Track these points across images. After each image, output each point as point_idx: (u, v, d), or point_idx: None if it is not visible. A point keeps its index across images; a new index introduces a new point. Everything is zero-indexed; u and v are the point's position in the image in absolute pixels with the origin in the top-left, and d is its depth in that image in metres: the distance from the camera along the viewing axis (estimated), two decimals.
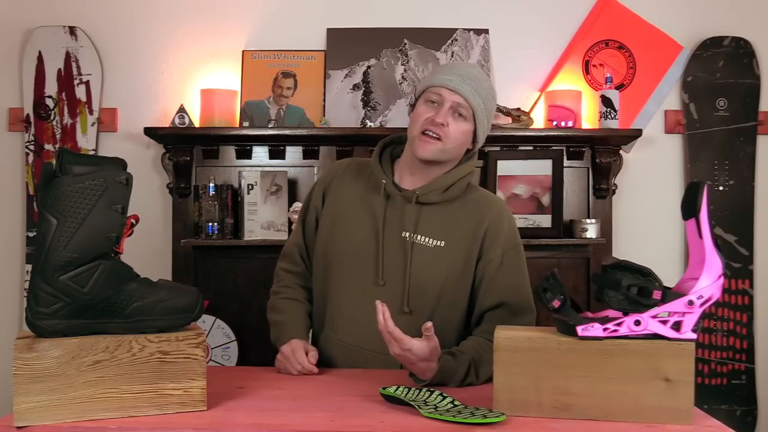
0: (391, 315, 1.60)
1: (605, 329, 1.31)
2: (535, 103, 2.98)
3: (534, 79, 3.01)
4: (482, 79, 1.79)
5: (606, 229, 2.93)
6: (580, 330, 1.31)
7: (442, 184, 1.79)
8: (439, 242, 1.78)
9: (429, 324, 1.56)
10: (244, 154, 2.93)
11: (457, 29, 2.99)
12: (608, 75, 2.91)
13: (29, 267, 2.80)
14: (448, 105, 1.74)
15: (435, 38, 2.98)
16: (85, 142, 2.95)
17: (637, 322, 1.30)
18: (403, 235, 1.78)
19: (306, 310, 1.91)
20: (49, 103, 2.94)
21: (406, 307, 1.76)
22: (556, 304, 1.34)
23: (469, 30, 2.99)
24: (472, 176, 1.87)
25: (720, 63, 2.98)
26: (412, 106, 1.83)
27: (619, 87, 2.96)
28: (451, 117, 1.74)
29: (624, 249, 2.96)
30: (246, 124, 2.89)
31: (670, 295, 1.30)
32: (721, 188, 2.98)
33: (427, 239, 1.78)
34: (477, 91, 1.76)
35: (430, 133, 1.74)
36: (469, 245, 1.79)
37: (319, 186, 1.93)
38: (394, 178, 1.85)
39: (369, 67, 2.97)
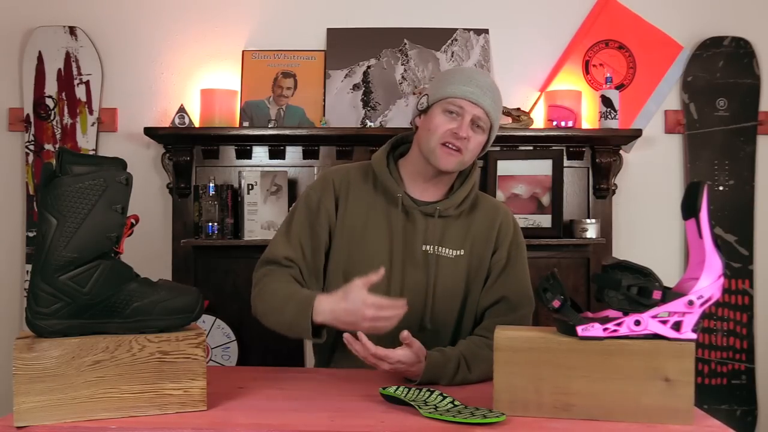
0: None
1: (605, 329, 1.31)
2: (535, 103, 2.98)
3: (534, 79, 3.01)
4: (496, 89, 1.77)
5: (606, 229, 2.93)
6: (580, 330, 1.31)
7: (459, 197, 1.79)
8: (459, 252, 1.79)
9: (405, 333, 1.54)
10: (244, 154, 2.93)
11: (457, 29, 2.99)
12: (608, 75, 2.91)
13: (29, 267, 2.80)
14: (469, 117, 1.71)
15: (435, 38, 2.98)
16: (85, 142, 2.95)
17: (637, 322, 1.30)
18: (424, 248, 1.77)
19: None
20: (49, 103, 2.94)
21: (429, 324, 1.76)
22: (556, 304, 1.34)
23: (469, 30, 2.99)
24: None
25: (720, 63, 2.98)
26: (422, 111, 1.78)
27: (619, 87, 2.96)
28: (470, 129, 1.72)
29: (624, 249, 2.96)
30: (246, 124, 2.89)
31: (670, 295, 1.30)
32: (721, 188, 2.98)
33: (448, 251, 1.79)
34: (495, 102, 1.75)
35: (451, 146, 1.72)
36: (483, 249, 1.81)
37: (328, 190, 1.81)
38: (405, 188, 1.81)
39: (369, 67, 2.97)
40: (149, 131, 2.78)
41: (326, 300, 1.61)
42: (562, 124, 2.84)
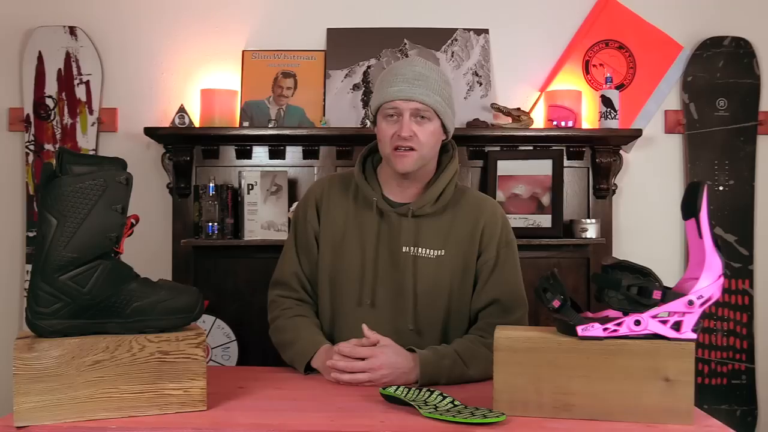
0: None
1: (605, 329, 1.31)
2: (535, 103, 2.98)
3: (534, 79, 3.01)
4: (428, 73, 1.74)
5: (606, 229, 2.92)
6: (580, 330, 1.31)
7: (433, 194, 1.79)
8: (439, 251, 1.79)
9: (364, 327, 1.63)
10: (244, 154, 2.93)
11: (457, 29, 2.99)
12: (608, 75, 2.91)
13: (29, 267, 2.80)
14: (407, 115, 1.72)
15: (435, 38, 2.98)
16: (85, 142, 2.95)
17: (637, 322, 1.30)
18: (404, 250, 1.78)
19: (317, 324, 1.82)
20: (49, 103, 2.94)
21: (411, 325, 1.76)
22: (556, 304, 1.34)
23: (469, 30, 2.99)
24: (458, 177, 1.87)
25: (720, 63, 2.98)
26: (373, 123, 1.81)
27: (619, 87, 2.96)
28: (414, 124, 1.72)
29: (624, 249, 2.96)
30: (246, 124, 2.89)
31: (670, 295, 1.31)
32: (721, 188, 2.98)
33: (428, 251, 1.78)
34: (428, 87, 1.72)
35: (402, 148, 1.72)
36: (467, 248, 1.80)
37: (310, 205, 1.87)
38: (382, 192, 1.83)
39: (369, 67, 2.97)
40: (149, 131, 2.78)
41: (321, 356, 1.70)
42: (562, 124, 2.84)
